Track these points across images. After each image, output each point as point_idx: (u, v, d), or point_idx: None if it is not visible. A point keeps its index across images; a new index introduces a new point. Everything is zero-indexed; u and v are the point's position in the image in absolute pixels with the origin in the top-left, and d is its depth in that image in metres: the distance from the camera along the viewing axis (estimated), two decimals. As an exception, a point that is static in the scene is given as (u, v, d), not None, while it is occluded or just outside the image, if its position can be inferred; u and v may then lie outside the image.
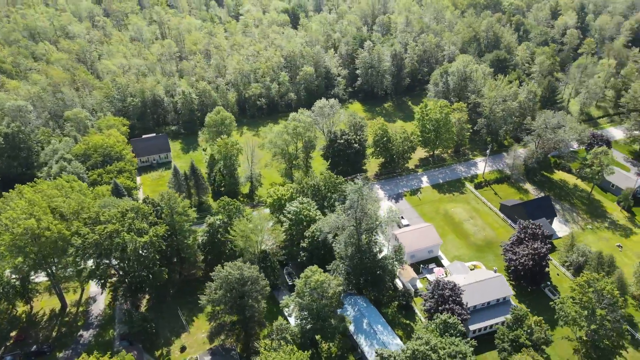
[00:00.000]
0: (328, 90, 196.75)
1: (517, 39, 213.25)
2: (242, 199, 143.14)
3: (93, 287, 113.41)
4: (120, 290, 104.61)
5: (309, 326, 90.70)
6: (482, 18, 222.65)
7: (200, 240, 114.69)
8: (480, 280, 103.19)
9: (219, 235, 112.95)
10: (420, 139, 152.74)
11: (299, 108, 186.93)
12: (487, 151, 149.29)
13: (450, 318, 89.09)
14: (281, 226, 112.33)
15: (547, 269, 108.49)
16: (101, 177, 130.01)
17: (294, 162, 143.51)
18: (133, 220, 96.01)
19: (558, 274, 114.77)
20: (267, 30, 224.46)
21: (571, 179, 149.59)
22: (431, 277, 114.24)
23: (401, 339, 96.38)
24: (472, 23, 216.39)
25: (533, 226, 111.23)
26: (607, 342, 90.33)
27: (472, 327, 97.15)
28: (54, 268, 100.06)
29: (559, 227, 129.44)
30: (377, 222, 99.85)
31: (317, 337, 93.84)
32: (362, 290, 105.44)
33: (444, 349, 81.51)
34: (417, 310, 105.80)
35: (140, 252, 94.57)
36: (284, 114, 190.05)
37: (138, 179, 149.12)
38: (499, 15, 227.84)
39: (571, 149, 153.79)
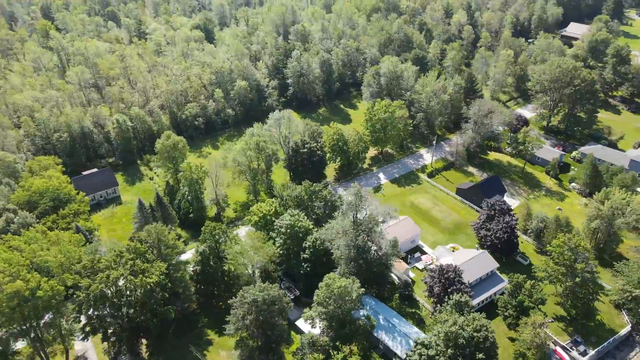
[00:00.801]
0: (262, 103, 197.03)
1: (424, 38, 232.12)
2: (213, 223, 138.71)
3: (78, 346, 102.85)
4: (118, 340, 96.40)
5: (332, 332, 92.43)
6: (390, 21, 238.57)
7: (191, 271, 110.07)
8: (470, 259, 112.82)
9: (211, 263, 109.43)
10: (371, 138, 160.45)
11: (237, 124, 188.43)
12: (434, 142, 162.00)
13: (462, 297, 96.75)
14: (274, 243, 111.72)
15: (516, 239, 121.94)
16: (57, 224, 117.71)
17: (257, 177, 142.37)
18: (134, 261, 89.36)
19: (522, 242, 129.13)
20: (185, 48, 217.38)
21: (504, 158, 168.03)
22: (420, 265, 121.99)
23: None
24: (384, 26, 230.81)
25: (499, 202, 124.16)
26: (585, 291, 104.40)
27: (474, 302, 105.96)
28: (40, 331, 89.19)
29: (509, 201, 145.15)
30: (375, 220, 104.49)
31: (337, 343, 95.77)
32: (366, 289, 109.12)
33: (469, 325, 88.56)
34: (418, 298, 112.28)
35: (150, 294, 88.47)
36: (222, 132, 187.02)
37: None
38: (405, 18, 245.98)
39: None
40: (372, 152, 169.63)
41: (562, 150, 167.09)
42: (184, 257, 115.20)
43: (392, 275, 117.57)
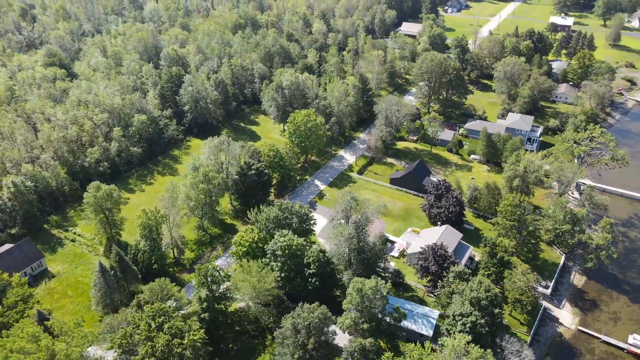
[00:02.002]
0: (162, 135, 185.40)
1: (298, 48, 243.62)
2: (175, 269, 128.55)
3: None
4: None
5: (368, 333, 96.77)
6: (262, 35, 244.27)
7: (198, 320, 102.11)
8: (440, 235, 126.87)
9: (216, 306, 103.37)
10: (299, 149, 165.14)
11: (142, 162, 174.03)
12: (356, 142, 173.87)
13: (461, 269, 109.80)
14: (271, 268, 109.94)
15: (464, 210, 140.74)
16: (8, 317, 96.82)
17: (208, 211, 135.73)
18: (170, 322, 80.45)
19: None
20: (50, 88, 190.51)
21: (410, 145, 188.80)
22: (395, 253, 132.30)
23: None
24: (259, 41, 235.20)
25: (443, 182, 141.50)
26: (534, 241, 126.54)
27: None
28: None
29: (436, 180, 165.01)
30: (368, 219, 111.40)
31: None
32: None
33: (480, 288, 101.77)
34: (411, 282, 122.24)
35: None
36: (129, 173, 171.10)
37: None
38: (274, 30, 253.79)
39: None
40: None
41: (450, 130, 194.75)
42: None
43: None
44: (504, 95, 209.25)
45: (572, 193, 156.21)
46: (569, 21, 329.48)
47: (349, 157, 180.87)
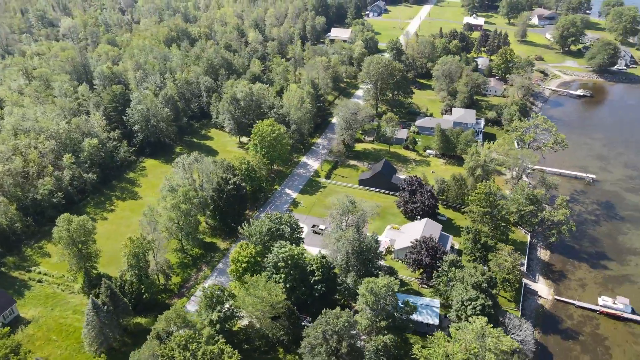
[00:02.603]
0: (113, 158, 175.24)
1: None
2: (163, 296, 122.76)
3: None
4: None
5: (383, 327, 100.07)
6: (199, 47, 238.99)
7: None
8: (423, 228, 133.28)
9: (227, 327, 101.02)
10: (268, 160, 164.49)
11: (96, 188, 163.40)
12: (315, 148, 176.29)
13: (454, 257, 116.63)
14: (275, 281, 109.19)
15: (437, 203, 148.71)
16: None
17: (190, 232, 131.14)
18: (202, 348, 77.54)
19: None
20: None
21: (367, 145, 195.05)
22: (382, 249, 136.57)
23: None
24: (199, 54, 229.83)
25: (415, 178, 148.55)
26: (504, 224, 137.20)
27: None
28: None
29: (407, 177, 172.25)
30: (364, 219, 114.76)
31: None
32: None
33: (477, 272, 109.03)
34: (404, 277, 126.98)
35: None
36: (84, 202, 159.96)
37: None
38: (212, 42, 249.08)
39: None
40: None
41: (402, 128, 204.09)
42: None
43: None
44: (444, 92, 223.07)
45: (523, 178, 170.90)
46: (480, 21, 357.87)
47: (312, 163, 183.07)
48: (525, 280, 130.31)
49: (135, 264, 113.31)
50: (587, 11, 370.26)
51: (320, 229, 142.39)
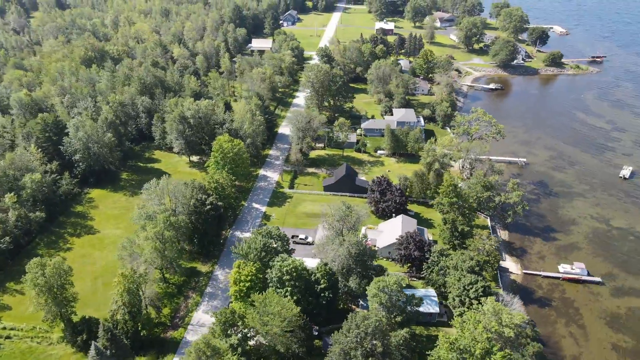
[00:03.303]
0: (56, 192, 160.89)
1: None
2: (157, 330, 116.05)
3: None
4: None
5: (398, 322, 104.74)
6: (126, 66, 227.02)
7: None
8: (402, 225, 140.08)
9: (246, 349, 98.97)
10: (234, 178, 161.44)
11: (44, 228, 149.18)
12: (282, 160, 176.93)
13: (441, 247, 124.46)
14: (284, 294, 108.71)
15: (407, 200, 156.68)
16: None
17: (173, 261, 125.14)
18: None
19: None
20: None
21: (321, 152, 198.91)
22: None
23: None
24: (128, 73, 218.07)
25: (383, 178, 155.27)
26: (468, 211, 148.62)
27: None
28: None
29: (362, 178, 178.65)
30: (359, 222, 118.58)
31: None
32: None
33: (467, 258, 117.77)
34: (392, 273, 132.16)
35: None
36: (33, 244, 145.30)
37: None
38: (138, 60, 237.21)
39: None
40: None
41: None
42: None
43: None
44: (381, 95, 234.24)
45: (467, 167, 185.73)
46: (391, 26, 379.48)
47: (271, 174, 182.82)
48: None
49: (129, 301, 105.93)
50: (480, 13, 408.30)
51: (301, 239, 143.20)
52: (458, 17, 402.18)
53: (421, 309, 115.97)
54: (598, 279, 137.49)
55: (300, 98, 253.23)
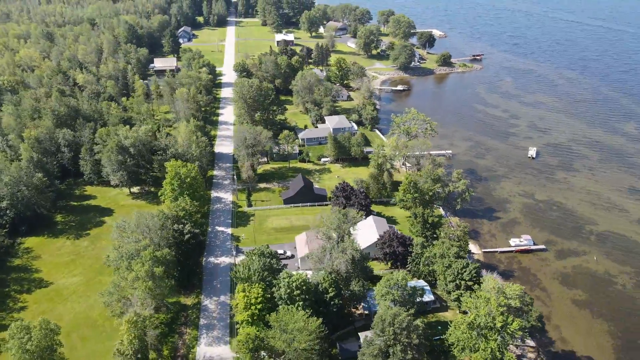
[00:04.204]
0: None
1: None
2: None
3: None
4: None
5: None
6: (34, 99, 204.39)
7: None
8: (375, 224, 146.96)
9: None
10: (197, 203, 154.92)
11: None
12: (234, 179, 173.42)
13: (422, 240, 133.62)
14: (300, 309, 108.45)
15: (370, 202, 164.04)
16: None
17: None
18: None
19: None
20: None
21: (266, 166, 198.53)
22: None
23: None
24: (35, 105, 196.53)
25: (345, 184, 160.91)
26: (430, 204, 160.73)
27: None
28: None
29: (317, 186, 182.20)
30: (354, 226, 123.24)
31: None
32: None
33: (450, 247, 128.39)
34: (378, 271, 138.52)
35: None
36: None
37: None
38: (44, 90, 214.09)
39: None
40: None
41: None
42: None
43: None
44: (308, 104, 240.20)
45: (406, 164, 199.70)
46: (291, 37, 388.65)
47: (223, 195, 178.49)
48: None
49: (138, 348, 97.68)
50: (369, 21, 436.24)
51: (281, 254, 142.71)
52: (350, 26, 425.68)
53: (419, 298, 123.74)
54: (542, 246, 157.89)
55: (226, 115, 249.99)
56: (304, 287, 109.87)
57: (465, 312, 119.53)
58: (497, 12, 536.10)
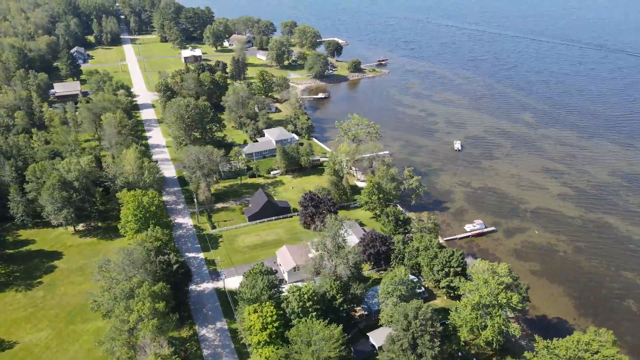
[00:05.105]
0: None
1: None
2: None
3: None
4: None
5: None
6: None
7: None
8: (354, 229, 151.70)
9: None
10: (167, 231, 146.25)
11: None
12: (195, 201, 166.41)
13: (402, 237, 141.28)
14: (314, 319, 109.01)
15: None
16: None
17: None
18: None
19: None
20: None
21: (217, 185, 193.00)
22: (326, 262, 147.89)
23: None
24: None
25: (312, 193, 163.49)
26: (393, 202, 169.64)
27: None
28: None
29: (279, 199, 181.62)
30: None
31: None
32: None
33: (431, 239, 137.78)
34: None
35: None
36: None
37: None
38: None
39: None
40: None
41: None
42: None
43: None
44: (244, 118, 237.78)
45: (354, 168, 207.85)
46: (198, 52, 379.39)
47: (182, 220, 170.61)
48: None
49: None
50: (274, 32, 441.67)
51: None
52: (255, 39, 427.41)
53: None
54: (492, 228, 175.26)
55: (155, 138, 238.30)
56: (315, 298, 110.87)
57: (455, 297, 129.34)
58: (385, 20, 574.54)
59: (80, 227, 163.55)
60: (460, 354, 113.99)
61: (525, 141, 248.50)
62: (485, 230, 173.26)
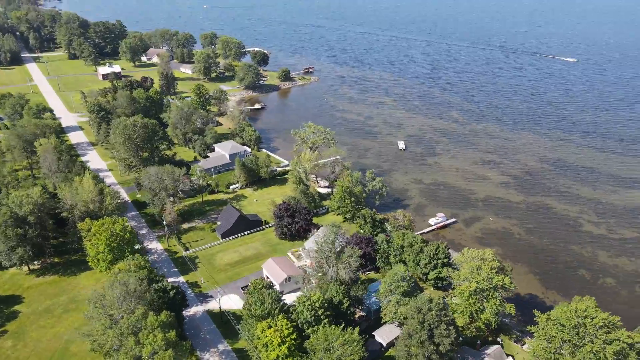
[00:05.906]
0: None
1: None
2: None
3: None
4: None
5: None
6: None
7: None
8: (331, 234, 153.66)
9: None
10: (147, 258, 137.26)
11: None
12: (164, 224, 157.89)
13: (384, 237, 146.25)
14: (326, 325, 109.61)
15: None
16: None
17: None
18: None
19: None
20: None
21: (186, 201, 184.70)
22: (310, 270, 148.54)
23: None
24: None
25: (286, 203, 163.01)
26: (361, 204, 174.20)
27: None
28: None
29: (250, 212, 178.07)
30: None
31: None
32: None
33: (414, 236, 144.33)
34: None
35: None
36: None
37: None
38: None
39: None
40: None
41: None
42: None
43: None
44: (192, 134, 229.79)
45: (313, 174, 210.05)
46: (117, 68, 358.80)
47: (151, 245, 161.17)
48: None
49: None
50: (194, 44, 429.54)
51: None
52: (175, 52, 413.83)
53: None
54: (453, 219, 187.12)
55: (93, 162, 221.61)
56: (325, 305, 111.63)
57: (441, 288, 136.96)
58: (302, 28, 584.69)
59: (35, 265, 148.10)
60: (461, 339, 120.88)
61: (459, 137, 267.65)
62: (448, 222, 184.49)
